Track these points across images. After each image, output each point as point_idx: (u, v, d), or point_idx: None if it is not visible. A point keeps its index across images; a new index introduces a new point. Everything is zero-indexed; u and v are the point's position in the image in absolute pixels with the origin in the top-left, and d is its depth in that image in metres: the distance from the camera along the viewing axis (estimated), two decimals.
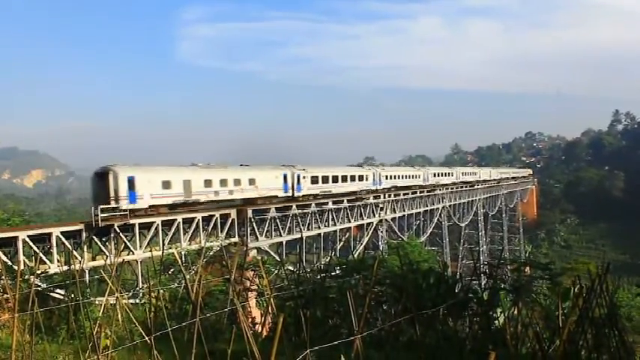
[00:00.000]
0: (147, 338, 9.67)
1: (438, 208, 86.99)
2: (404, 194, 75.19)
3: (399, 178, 75.06)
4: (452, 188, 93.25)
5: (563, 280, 16.38)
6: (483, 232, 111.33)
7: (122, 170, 36.98)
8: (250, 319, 17.12)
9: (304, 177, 53.75)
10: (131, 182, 36.80)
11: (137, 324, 11.23)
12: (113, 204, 35.91)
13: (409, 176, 78.50)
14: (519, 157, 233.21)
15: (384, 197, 69.25)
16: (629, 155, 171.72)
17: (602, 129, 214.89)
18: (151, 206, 38.56)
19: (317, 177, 56.14)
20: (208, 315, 12.49)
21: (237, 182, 45.72)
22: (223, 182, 44.37)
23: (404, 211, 75.79)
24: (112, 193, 35.97)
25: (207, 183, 42.82)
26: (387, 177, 71.33)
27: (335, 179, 59.16)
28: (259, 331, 14.05)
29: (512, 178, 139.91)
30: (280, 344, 8.26)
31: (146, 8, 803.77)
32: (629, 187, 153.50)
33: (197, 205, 42.59)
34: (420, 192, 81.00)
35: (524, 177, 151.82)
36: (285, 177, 51.32)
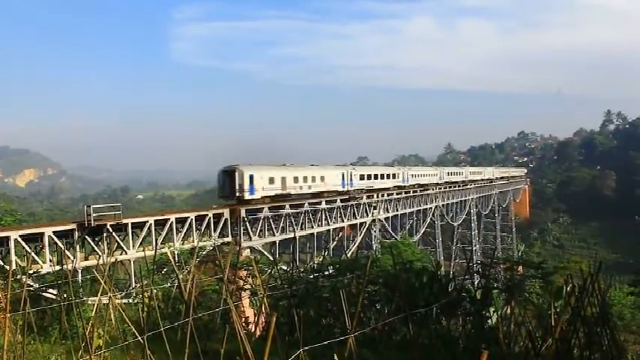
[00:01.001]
0: (140, 338, 9.65)
1: (430, 208, 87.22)
2: (397, 194, 75.48)
3: (421, 176, 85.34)
4: (444, 188, 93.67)
5: (555, 279, 16.42)
6: (476, 231, 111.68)
7: (246, 169, 47.57)
8: (243, 319, 17.10)
9: (355, 175, 64.49)
10: (251, 178, 47.39)
11: (130, 324, 11.20)
12: (238, 194, 46.68)
13: (428, 175, 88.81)
14: (512, 156, 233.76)
15: (377, 197, 69.51)
16: (621, 155, 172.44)
17: (595, 129, 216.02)
18: (262, 197, 48.86)
19: (363, 175, 67.33)
20: (201, 314, 12.46)
21: (313, 179, 56.37)
22: (305, 179, 55.07)
23: (397, 210, 75.96)
24: (237, 187, 46.63)
25: (295, 179, 53.59)
26: (412, 175, 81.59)
27: (375, 177, 70.44)
28: (252, 330, 14.04)
29: (512, 177, 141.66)
30: (273, 344, 8.26)
31: (140, 8, 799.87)
32: (621, 186, 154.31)
33: (289, 196, 53.02)
34: (414, 192, 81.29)
35: (520, 176, 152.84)
36: (342, 175, 61.97)
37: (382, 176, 72.35)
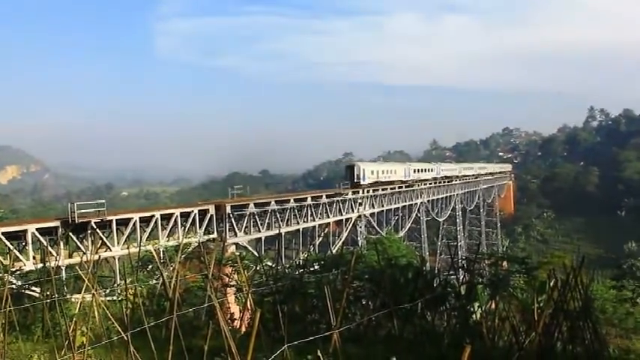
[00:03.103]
0: (123, 335, 9.59)
1: (416, 204, 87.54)
2: (382, 189, 75.81)
3: (447, 170, 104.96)
4: (431, 183, 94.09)
5: (539, 274, 16.55)
6: (461, 227, 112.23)
7: (361, 164, 73.43)
8: (229, 315, 17.07)
9: (411, 169, 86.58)
10: (364, 171, 70.47)
11: (114, 321, 11.13)
12: (356, 181, 68.56)
13: (452, 169, 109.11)
14: (497, 153, 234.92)
15: (363, 192, 69.80)
16: (603, 151, 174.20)
17: (578, 125, 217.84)
18: (368, 183, 71.02)
19: (415, 169, 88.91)
20: (186, 311, 12.42)
21: (390, 172, 79.28)
22: (387, 172, 77.84)
23: (382, 206, 76.18)
24: (355, 177, 69.06)
25: (382, 172, 76.28)
26: (442, 170, 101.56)
27: (421, 170, 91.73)
28: (238, 327, 14.01)
29: (498, 172, 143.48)
30: (258, 340, 8.25)
31: (123, 3, 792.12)
32: (603, 182, 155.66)
33: (379, 183, 74.53)
34: (399, 187, 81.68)
35: (505, 172, 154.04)
36: (405, 169, 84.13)
37: (425, 170, 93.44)
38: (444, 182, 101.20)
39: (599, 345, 11.79)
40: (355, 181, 68.65)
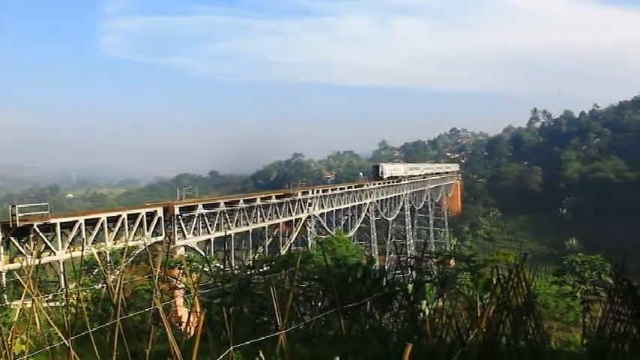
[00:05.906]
0: (65, 341, 9.34)
1: (365, 204, 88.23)
2: (332, 190, 76.16)
3: (427, 169, 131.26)
4: (379, 184, 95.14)
5: (485, 272, 16.89)
6: (410, 226, 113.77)
7: (383, 164, 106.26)
8: (177, 318, 16.84)
9: (407, 168, 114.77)
10: (384, 168, 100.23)
11: (56, 327, 10.81)
12: (379, 175, 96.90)
13: (429, 168, 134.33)
14: (444, 152, 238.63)
15: (312, 193, 69.85)
16: (546, 151, 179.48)
17: (522, 126, 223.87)
18: (386, 177, 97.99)
19: (410, 167, 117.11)
20: (131, 315, 12.17)
21: (398, 170, 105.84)
22: (396, 170, 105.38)
23: (332, 206, 76.45)
24: (380, 172, 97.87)
25: (394, 170, 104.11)
26: (424, 168, 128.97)
27: (412, 169, 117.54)
28: (187, 329, 13.83)
29: (446, 172, 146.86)
30: (206, 343, 8.15)
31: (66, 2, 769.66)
32: (546, 181, 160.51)
33: (394, 178, 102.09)
34: (349, 188, 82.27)
35: (452, 172, 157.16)
36: (404, 168, 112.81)
37: (414, 169, 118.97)
38: (394, 182, 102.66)
39: (541, 339, 12.16)
40: (379, 175, 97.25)
